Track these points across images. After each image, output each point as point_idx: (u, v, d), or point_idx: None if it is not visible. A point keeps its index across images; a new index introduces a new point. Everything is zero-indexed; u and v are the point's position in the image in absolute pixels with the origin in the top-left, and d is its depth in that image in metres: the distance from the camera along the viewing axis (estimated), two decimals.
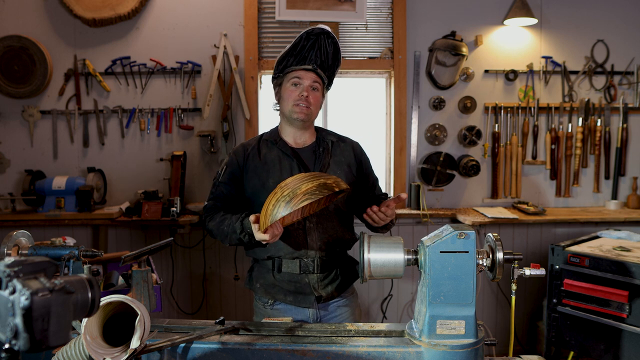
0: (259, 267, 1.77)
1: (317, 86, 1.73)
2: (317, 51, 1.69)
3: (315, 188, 1.35)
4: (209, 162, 3.18)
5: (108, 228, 3.10)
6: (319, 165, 1.73)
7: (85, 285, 0.68)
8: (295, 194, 1.35)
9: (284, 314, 1.71)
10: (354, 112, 3.31)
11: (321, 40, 1.69)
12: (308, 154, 1.76)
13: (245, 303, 3.22)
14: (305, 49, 1.69)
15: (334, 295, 1.73)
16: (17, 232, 1.48)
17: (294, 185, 1.38)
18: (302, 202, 1.33)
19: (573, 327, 2.29)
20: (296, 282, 1.70)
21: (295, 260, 1.69)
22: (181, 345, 1.10)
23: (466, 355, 1.07)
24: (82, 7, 2.99)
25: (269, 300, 1.73)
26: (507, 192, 3.24)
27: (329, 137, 1.81)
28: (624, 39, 3.20)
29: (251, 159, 1.75)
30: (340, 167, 1.76)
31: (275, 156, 1.74)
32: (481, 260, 1.12)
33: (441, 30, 3.12)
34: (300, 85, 1.71)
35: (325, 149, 1.77)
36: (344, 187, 1.42)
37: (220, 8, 3.11)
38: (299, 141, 1.78)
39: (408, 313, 3.26)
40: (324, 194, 1.35)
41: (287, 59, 1.70)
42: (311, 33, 1.67)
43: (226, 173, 1.76)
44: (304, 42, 1.68)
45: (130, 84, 3.13)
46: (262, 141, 1.80)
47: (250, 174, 1.74)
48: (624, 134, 3.20)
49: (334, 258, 1.73)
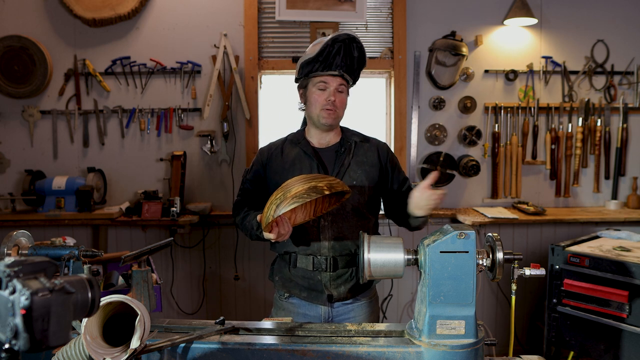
0: (279, 261, 1.84)
1: (343, 88, 1.75)
2: (344, 57, 1.70)
3: (304, 191, 1.39)
4: (209, 162, 3.18)
5: (108, 228, 3.10)
6: (339, 165, 1.74)
7: (85, 285, 0.68)
8: (285, 197, 1.40)
9: (298, 308, 1.78)
10: (354, 112, 3.31)
11: (347, 45, 1.70)
12: (330, 154, 1.78)
13: (245, 303, 3.22)
14: (332, 55, 1.69)
15: (348, 296, 1.74)
16: (17, 232, 1.48)
17: (287, 187, 1.43)
18: (290, 205, 1.38)
19: (573, 327, 2.29)
20: (309, 278, 1.74)
21: (309, 257, 1.72)
22: (181, 345, 1.10)
23: (466, 355, 1.07)
24: (82, 7, 2.99)
25: (285, 294, 1.80)
26: (507, 192, 3.24)
27: (353, 137, 1.82)
28: (624, 39, 3.20)
29: (274, 158, 1.80)
30: (362, 167, 1.76)
31: (296, 156, 1.77)
32: (481, 260, 1.12)
33: (441, 30, 3.12)
34: (327, 90, 1.72)
35: (347, 149, 1.78)
36: (338, 189, 1.44)
37: (220, 8, 3.11)
38: (323, 142, 1.80)
39: (408, 313, 3.26)
40: (312, 197, 1.38)
41: (312, 64, 1.71)
42: (337, 39, 1.68)
43: (252, 171, 1.83)
44: (330, 48, 1.68)
45: (130, 84, 3.13)
46: (286, 141, 1.84)
47: (272, 173, 1.78)
48: (624, 134, 3.20)
49: (348, 258, 1.73)
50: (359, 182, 1.74)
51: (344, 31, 1.73)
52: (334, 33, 1.71)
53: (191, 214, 2.97)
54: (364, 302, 1.80)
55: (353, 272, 1.74)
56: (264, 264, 3.18)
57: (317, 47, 1.68)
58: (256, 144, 3.16)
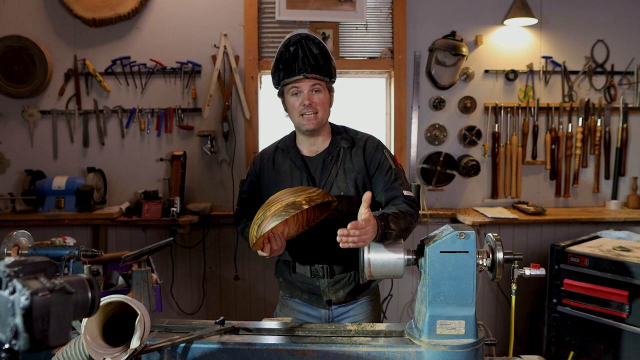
0: (281, 264, 1.84)
1: (319, 87, 1.65)
2: (304, 58, 1.60)
3: (282, 209, 1.39)
4: (209, 162, 3.18)
5: (108, 228, 3.10)
6: (326, 175, 1.69)
7: (85, 285, 0.68)
8: (265, 216, 1.41)
9: (300, 308, 1.80)
10: (354, 112, 3.32)
11: (303, 45, 1.60)
12: (318, 164, 1.72)
13: (245, 303, 3.22)
14: (290, 60, 1.61)
15: (347, 299, 1.74)
16: (17, 232, 1.48)
17: (268, 205, 1.44)
18: (270, 223, 1.38)
19: (573, 327, 2.29)
20: (308, 284, 1.74)
21: (306, 266, 1.72)
22: (181, 345, 1.10)
23: (466, 355, 1.07)
24: (82, 7, 2.99)
25: (288, 294, 1.83)
26: (507, 192, 3.24)
27: (342, 142, 1.73)
28: (624, 39, 3.20)
29: (266, 170, 1.77)
30: (349, 175, 1.69)
31: (287, 167, 1.73)
32: (481, 260, 1.12)
33: (441, 30, 3.12)
34: (301, 94, 1.65)
35: (335, 156, 1.71)
36: (318, 201, 1.43)
37: (220, 8, 3.11)
38: (313, 148, 1.74)
39: (408, 313, 3.26)
40: (290, 213, 1.38)
41: (277, 72, 1.66)
42: (289, 43, 1.61)
43: (247, 182, 1.82)
44: (286, 54, 1.61)
45: (130, 84, 3.13)
46: (277, 150, 1.79)
47: (265, 186, 1.76)
48: (624, 134, 3.20)
49: (345, 264, 1.72)
50: (346, 192, 1.67)
51: (297, 31, 1.63)
52: (287, 36, 1.63)
53: (191, 214, 2.97)
54: (364, 301, 1.80)
55: (351, 276, 1.73)
56: (264, 264, 3.18)
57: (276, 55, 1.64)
58: (256, 144, 3.17)
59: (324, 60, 1.64)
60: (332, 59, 1.68)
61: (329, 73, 1.68)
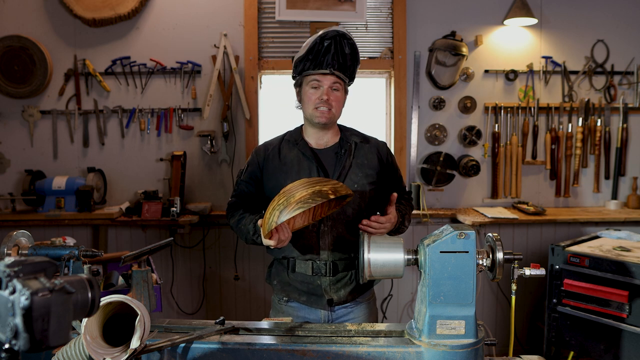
0: (276, 265, 1.80)
1: (338, 86, 1.68)
2: (334, 54, 1.63)
3: (309, 196, 1.33)
4: (209, 162, 3.18)
5: (108, 228, 3.10)
6: (339, 167, 1.69)
7: (85, 285, 0.68)
8: (289, 202, 1.34)
9: (297, 312, 1.74)
10: (354, 112, 3.31)
11: (337, 42, 1.63)
12: (329, 156, 1.73)
13: (245, 303, 3.22)
14: (321, 53, 1.63)
15: (348, 299, 1.73)
16: (17, 232, 1.48)
17: (290, 192, 1.37)
18: (294, 210, 1.33)
19: (573, 327, 2.29)
20: (309, 283, 1.71)
21: (308, 262, 1.69)
22: (181, 345, 1.10)
23: (466, 355, 1.07)
24: (82, 7, 2.99)
25: (284, 297, 1.77)
26: (507, 192, 3.23)
27: (352, 137, 1.76)
28: (624, 39, 3.20)
29: (271, 160, 1.75)
30: (362, 169, 1.71)
31: (294, 157, 1.72)
32: (481, 260, 1.12)
33: (441, 30, 3.12)
34: (320, 88, 1.67)
35: (348, 150, 1.72)
36: (343, 193, 1.40)
37: (220, 8, 3.11)
38: (321, 142, 1.75)
39: (408, 313, 3.27)
40: (317, 202, 1.33)
41: (303, 62, 1.66)
42: (325, 36, 1.62)
43: (247, 172, 1.78)
44: (319, 46, 1.62)
45: (130, 84, 3.13)
46: (283, 141, 1.78)
47: (269, 175, 1.73)
48: (624, 134, 3.20)
49: (348, 262, 1.71)
50: (360, 185, 1.69)
51: (334, 27, 1.64)
52: (323, 30, 1.64)
53: (191, 214, 2.97)
54: (363, 304, 1.79)
55: (352, 275, 1.72)
56: (263, 264, 3.18)
57: (308, 44, 1.64)
58: (256, 144, 3.16)
59: (352, 62, 1.69)
60: (359, 62, 1.73)
61: (352, 75, 1.74)
